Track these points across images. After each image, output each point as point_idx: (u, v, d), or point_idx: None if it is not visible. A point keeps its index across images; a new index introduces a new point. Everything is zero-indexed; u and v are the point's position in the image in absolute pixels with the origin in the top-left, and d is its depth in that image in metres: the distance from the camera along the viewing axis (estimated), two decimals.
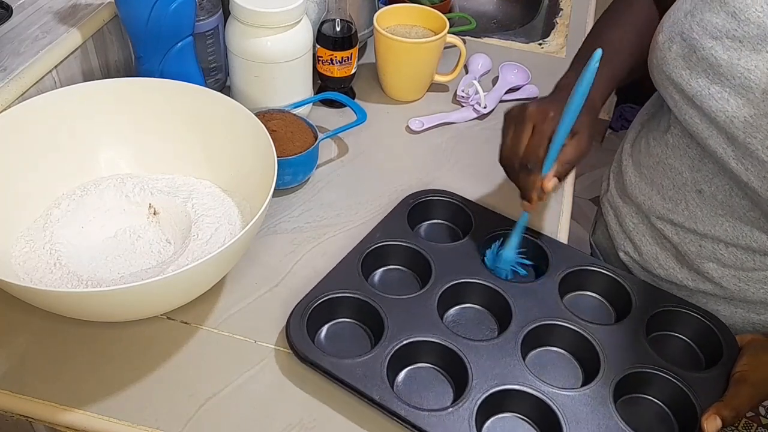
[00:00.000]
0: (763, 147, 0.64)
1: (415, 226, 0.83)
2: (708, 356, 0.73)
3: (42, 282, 0.69)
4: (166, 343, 0.70)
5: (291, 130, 0.87)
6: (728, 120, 0.66)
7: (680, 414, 0.67)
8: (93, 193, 0.78)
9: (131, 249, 0.76)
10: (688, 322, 0.74)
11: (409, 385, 0.68)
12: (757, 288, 0.73)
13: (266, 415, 0.65)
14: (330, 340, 0.71)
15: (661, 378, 0.68)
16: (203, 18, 0.91)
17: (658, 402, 0.69)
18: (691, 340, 0.74)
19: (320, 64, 0.98)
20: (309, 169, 0.89)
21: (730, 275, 0.74)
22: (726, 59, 0.66)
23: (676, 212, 0.76)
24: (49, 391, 0.65)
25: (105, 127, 0.81)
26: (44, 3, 0.88)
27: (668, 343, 0.74)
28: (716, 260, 0.74)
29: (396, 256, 0.79)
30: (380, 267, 0.79)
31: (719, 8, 0.67)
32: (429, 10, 1.04)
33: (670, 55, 0.71)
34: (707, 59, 0.68)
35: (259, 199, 0.69)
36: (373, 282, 0.77)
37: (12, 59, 0.79)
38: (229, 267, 0.72)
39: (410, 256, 0.78)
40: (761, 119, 0.64)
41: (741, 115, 0.65)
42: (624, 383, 0.67)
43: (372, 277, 0.78)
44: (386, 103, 1.05)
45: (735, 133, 0.66)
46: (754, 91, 0.64)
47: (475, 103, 1.03)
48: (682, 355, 0.73)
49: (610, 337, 0.71)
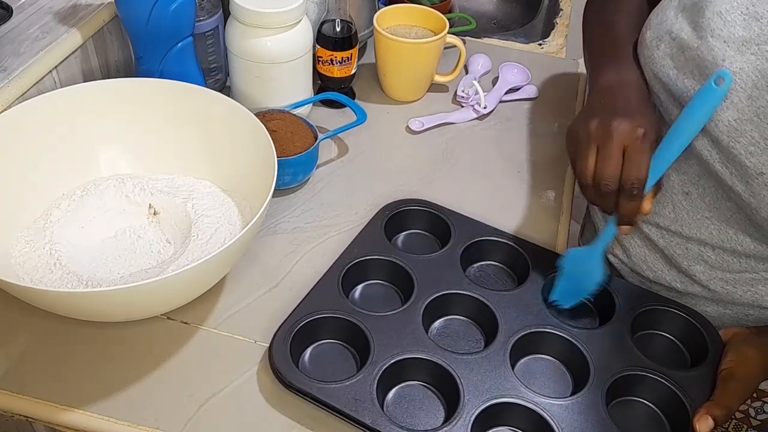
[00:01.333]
0: (746, 152, 0.63)
1: (392, 238, 0.82)
2: (693, 354, 0.73)
3: (42, 282, 0.69)
4: (166, 343, 0.70)
5: (291, 131, 0.87)
6: (713, 123, 0.65)
7: (672, 415, 0.67)
8: (93, 193, 0.78)
9: (131, 249, 0.76)
10: (672, 320, 0.74)
11: (400, 405, 0.66)
12: (744, 290, 0.72)
13: (266, 415, 0.65)
14: (314, 363, 0.69)
15: (650, 379, 0.68)
16: (203, 18, 0.91)
17: (649, 404, 0.68)
18: (676, 338, 0.74)
19: (320, 64, 0.98)
20: (309, 170, 0.89)
21: (717, 278, 0.73)
22: (711, 60, 0.65)
23: (662, 215, 0.76)
24: (49, 391, 0.65)
25: (105, 128, 0.81)
26: (44, 3, 0.88)
27: (653, 343, 0.74)
28: (703, 262, 0.74)
29: (376, 270, 0.77)
30: (361, 283, 0.77)
31: (705, 7, 0.66)
32: (429, 11, 1.04)
33: (657, 53, 0.70)
34: (694, 60, 0.67)
35: (259, 199, 0.69)
36: (354, 299, 0.75)
37: (12, 59, 0.79)
38: (229, 267, 0.72)
39: (390, 270, 0.77)
40: (745, 124, 0.63)
41: (725, 119, 0.64)
42: (614, 387, 0.67)
43: (353, 294, 0.76)
44: (386, 103, 1.05)
45: (719, 137, 0.65)
46: (739, 95, 0.63)
47: (475, 104, 1.03)
48: (667, 353, 0.73)
49: (597, 341, 0.70)
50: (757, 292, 0.72)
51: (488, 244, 0.80)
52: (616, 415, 0.65)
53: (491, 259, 0.81)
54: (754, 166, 0.62)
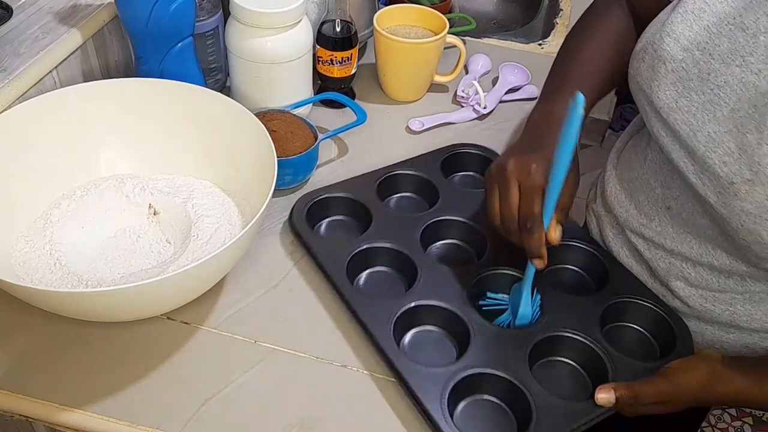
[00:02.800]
0: (720, 162, 0.63)
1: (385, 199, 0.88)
2: (662, 346, 0.73)
3: (42, 282, 0.69)
4: (166, 343, 0.70)
5: (291, 131, 0.87)
6: (691, 133, 0.65)
7: None
8: (93, 193, 0.78)
9: (131, 249, 0.76)
10: (642, 312, 0.75)
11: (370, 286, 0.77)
12: (722, 309, 0.73)
13: (266, 415, 0.65)
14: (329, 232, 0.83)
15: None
16: (203, 18, 0.91)
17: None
18: (646, 331, 0.75)
19: (320, 64, 0.98)
20: (309, 170, 0.89)
21: (696, 295, 0.74)
22: (696, 73, 0.65)
23: (649, 228, 0.76)
24: (49, 391, 0.65)
25: (105, 128, 0.81)
26: (44, 3, 0.88)
27: (623, 334, 0.75)
28: (683, 279, 0.74)
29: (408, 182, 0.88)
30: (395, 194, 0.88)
31: (692, 21, 0.66)
32: (429, 11, 1.04)
33: (642, 66, 0.70)
34: (677, 72, 0.66)
35: (259, 199, 0.69)
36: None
37: (12, 59, 0.79)
38: (229, 267, 0.72)
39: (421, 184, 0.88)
40: (724, 135, 0.62)
41: (705, 131, 0.64)
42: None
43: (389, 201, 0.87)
44: (386, 103, 1.05)
45: (695, 147, 0.65)
46: (722, 109, 0.63)
47: (475, 104, 1.03)
48: (636, 345, 0.74)
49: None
50: (735, 312, 0.72)
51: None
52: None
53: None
54: (726, 176, 0.62)
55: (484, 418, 0.66)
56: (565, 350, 0.71)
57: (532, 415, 0.63)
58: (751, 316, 0.71)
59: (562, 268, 0.81)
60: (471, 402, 0.67)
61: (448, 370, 0.66)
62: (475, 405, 0.67)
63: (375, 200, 0.83)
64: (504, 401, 0.67)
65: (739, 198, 0.61)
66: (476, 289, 0.75)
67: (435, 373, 0.66)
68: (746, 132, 0.61)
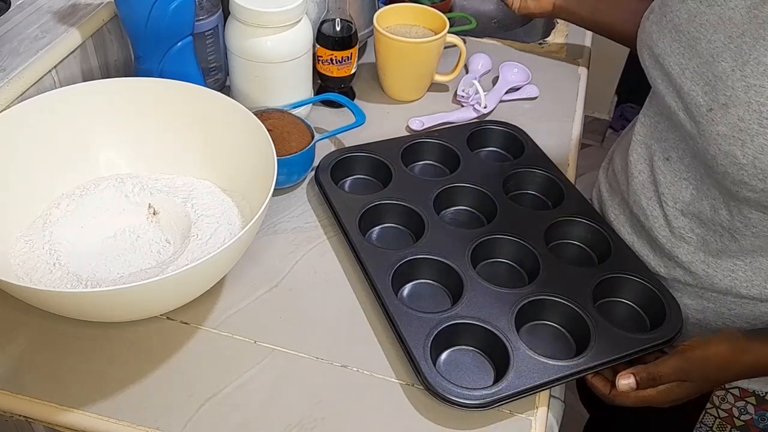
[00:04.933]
0: (702, 92, 0.67)
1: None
2: (653, 321, 0.75)
3: (42, 282, 0.69)
4: (166, 343, 0.70)
5: (287, 130, 0.87)
6: (680, 71, 0.70)
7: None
8: (92, 193, 0.78)
9: (131, 249, 0.76)
10: (633, 288, 0.77)
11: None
12: (724, 275, 0.74)
13: (266, 415, 0.65)
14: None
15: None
16: (203, 18, 0.91)
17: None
18: (638, 306, 0.77)
19: (320, 63, 0.98)
20: (304, 170, 0.88)
21: (698, 260, 0.75)
22: (686, 18, 0.70)
23: (646, 187, 0.79)
24: (48, 391, 0.65)
25: (105, 127, 0.81)
26: (43, 2, 0.88)
27: (615, 309, 0.77)
28: (685, 243, 0.76)
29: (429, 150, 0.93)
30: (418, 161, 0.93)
31: None
32: (429, 10, 1.04)
33: (647, 23, 0.76)
34: (673, 21, 0.72)
35: (259, 199, 0.69)
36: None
37: (11, 59, 0.79)
38: (229, 267, 0.72)
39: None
40: (703, 67, 0.67)
41: (690, 66, 0.69)
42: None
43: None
44: (386, 103, 1.05)
45: (682, 83, 0.69)
46: (701, 42, 0.68)
47: (475, 103, 1.03)
48: (626, 318, 0.76)
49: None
50: (736, 278, 0.73)
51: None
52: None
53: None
54: (706, 104, 0.66)
55: (465, 366, 0.69)
56: (554, 315, 0.74)
57: (510, 362, 0.66)
58: (751, 282, 0.73)
59: (567, 243, 0.84)
60: (455, 351, 0.70)
61: (436, 317, 0.70)
62: (458, 353, 0.70)
63: (398, 163, 0.89)
64: (485, 352, 0.70)
65: (715, 122, 0.65)
66: (478, 252, 0.78)
67: (424, 318, 0.70)
68: (721, 60, 0.66)
